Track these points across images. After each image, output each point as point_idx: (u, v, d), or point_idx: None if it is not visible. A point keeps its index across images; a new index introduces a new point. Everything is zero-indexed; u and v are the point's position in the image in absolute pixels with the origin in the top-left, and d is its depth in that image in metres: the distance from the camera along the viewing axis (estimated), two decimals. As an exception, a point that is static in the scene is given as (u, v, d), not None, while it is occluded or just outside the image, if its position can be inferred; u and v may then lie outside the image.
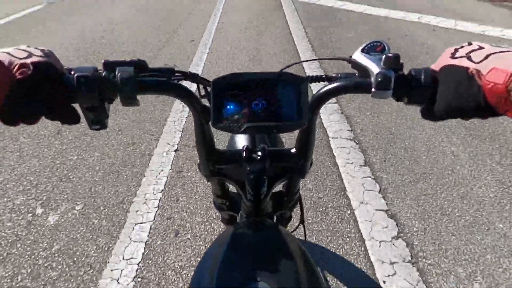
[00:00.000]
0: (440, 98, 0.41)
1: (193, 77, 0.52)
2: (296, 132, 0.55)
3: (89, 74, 0.40)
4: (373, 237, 1.42)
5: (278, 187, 0.73)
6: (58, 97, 0.39)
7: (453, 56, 0.40)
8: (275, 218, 0.76)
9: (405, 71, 0.44)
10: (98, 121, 0.43)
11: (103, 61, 0.43)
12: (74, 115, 0.41)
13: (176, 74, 0.50)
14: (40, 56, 0.38)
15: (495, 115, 0.39)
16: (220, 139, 1.95)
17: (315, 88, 0.50)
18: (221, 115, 0.44)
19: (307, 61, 0.59)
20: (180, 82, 0.49)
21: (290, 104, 0.44)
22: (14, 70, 0.36)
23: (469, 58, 0.38)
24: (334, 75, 0.50)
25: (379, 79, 0.42)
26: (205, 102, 0.50)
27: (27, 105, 0.37)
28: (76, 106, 0.41)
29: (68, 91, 0.39)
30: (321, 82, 0.53)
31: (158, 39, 3.77)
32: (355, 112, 2.35)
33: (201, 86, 0.55)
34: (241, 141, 0.84)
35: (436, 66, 0.42)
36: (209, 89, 0.54)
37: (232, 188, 0.76)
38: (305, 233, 1.11)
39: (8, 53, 0.37)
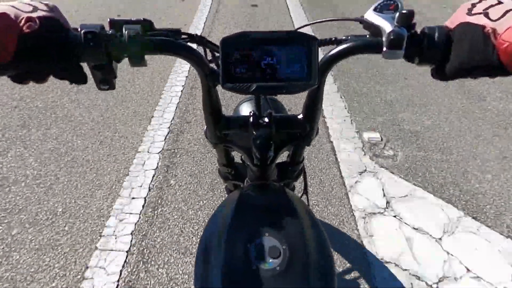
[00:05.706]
0: (453, 58, 0.39)
1: (199, 40, 0.51)
2: (302, 102, 0.55)
3: (96, 30, 0.39)
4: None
5: (283, 158, 0.73)
6: (66, 53, 0.38)
7: (469, 13, 0.38)
8: None
9: (418, 31, 0.43)
10: (106, 80, 0.43)
11: (108, 19, 0.42)
12: (81, 75, 0.40)
13: (183, 36, 0.49)
14: (46, 11, 0.37)
15: (505, 75, 0.37)
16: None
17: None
18: (230, 76, 0.43)
19: (320, 22, 0.57)
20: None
21: (299, 64, 0.43)
22: (21, 23, 0.34)
23: (486, 15, 0.36)
24: (344, 37, 0.49)
25: (391, 37, 0.40)
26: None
27: (36, 62, 0.36)
28: (85, 68, 0.41)
29: (75, 48, 0.39)
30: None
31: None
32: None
33: (208, 51, 0.54)
34: (247, 109, 0.83)
35: (450, 23, 0.40)
36: (216, 54, 0.53)
37: (237, 159, 0.77)
38: (308, 203, 1.13)
39: (13, 7, 0.35)
